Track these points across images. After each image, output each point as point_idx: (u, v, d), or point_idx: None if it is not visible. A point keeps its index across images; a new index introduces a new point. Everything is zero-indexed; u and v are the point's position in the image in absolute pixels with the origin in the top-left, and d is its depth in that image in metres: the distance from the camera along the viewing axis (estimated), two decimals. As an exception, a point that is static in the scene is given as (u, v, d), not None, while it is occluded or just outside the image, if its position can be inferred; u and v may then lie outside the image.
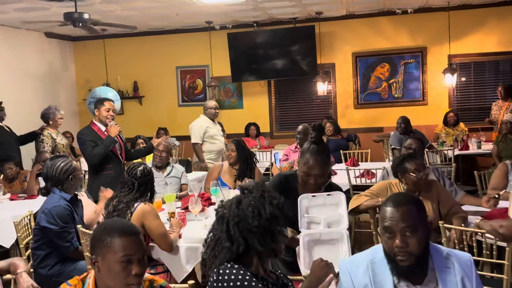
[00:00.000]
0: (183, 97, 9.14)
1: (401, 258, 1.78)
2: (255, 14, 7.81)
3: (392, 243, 1.79)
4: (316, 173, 2.64)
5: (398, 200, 1.86)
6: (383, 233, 1.84)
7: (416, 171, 3.18)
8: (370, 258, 1.90)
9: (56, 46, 8.77)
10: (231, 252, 1.74)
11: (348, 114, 8.55)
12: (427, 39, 8.13)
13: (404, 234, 1.78)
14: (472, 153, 6.86)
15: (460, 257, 1.87)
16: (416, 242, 1.78)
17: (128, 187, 3.09)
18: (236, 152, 4.71)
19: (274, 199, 1.81)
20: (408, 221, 1.79)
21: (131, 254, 1.74)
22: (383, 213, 1.85)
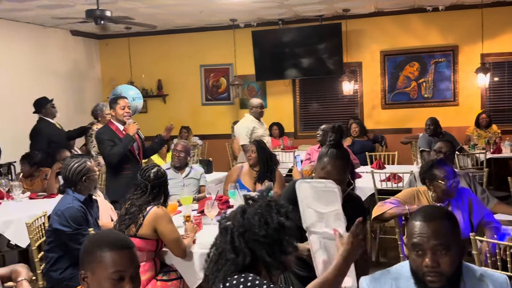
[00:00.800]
0: (207, 95, 9.05)
1: (431, 279, 1.61)
2: (280, 12, 7.66)
3: (422, 262, 1.62)
4: (334, 179, 2.38)
5: (430, 213, 1.68)
6: (412, 250, 1.66)
7: (445, 178, 2.98)
8: (395, 276, 1.74)
9: (82, 44, 8.80)
10: (236, 264, 1.63)
11: (375, 114, 8.31)
12: (458, 38, 7.82)
13: (435, 252, 1.60)
14: (505, 156, 6.55)
15: (495, 279, 1.69)
16: (449, 261, 1.60)
17: (141, 189, 2.99)
18: (257, 153, 4.57)
19: (282, 207, 1.70)
20: (441, 238, 1.61)
21: (123, 270, 1.59)
22: (412, 228, 1.67)
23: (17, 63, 7.28)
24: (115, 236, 1.70)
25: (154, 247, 2.92)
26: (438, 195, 3.03)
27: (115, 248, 1.61)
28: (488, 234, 2.86)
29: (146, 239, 2.87)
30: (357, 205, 2.61)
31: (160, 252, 3.01)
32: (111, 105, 4.57)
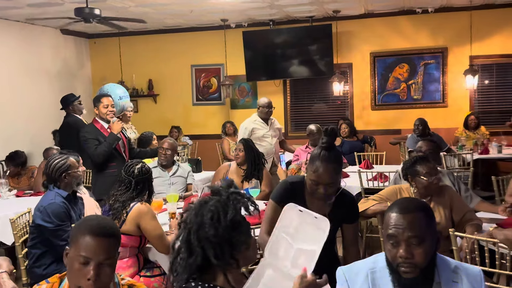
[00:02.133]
0: (198, 95, 9.06)
1: (405, 270, 1.63)
2: (271, 12, 7.68)
3: (396, 253, 1.64)
4: (326, 182, 2.37)
5: (405, 206, 1.70)
6: (387, 241, 1.68)
7: (427, 174, 3.01)
8: (371, 266, 1.75)
9: (72, 43, 8.78)
10: (190, 266, 1.55)
11: (364, 115, 8.35)
12: (448, 40, 7.88)
13: (409, 244, 1.62)
14: (492, 157, 6.60)
15: (469, 271, 1.71)
16: (423, 253, 1.62)
17: (125, 185, 3.00)
18: (244, 152, 4.59)
19: (240, 202, 1.60)
20: (415, 230, 1.63)
21: (90, 257, 1.62)
22: (388, 219, 1.69)
23: (6, 61, 7.25)
24: (99, 222, 1.72)
25: (137, 243, 2.93)
26: (420, 191, 3.06)
27: (90, 233, 1.64)
28: (468, 231, 2.89)
29: (129, 235, 2.88)
30: (350, 205, 2.59)
31: (144, 249, 3.02)
32: (94, 103, 4.57)
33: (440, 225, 3.00)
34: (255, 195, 4.02)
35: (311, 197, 2.48)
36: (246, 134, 5.59)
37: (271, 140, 5.69)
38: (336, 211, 2.50)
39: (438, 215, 3.02)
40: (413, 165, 3.09)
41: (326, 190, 2.38)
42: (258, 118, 5.72)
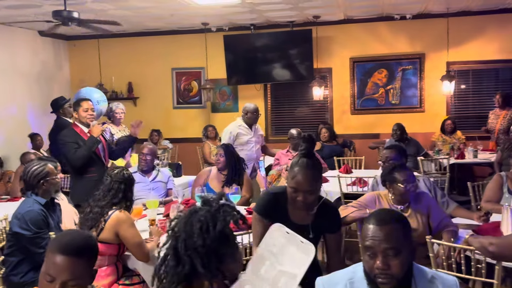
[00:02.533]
0: (178, 99, 9.02)
1: (382, 281, 1.66)
2: (252, 17, 7.70)
3: (373, 264, 1.67)
4: (305, 189, 2.36)
5: (382, 217, 1.73)
6: (364, 252, 1.71)
7: (404, 182, 3.06)
8: (349, 277, 1.78)
9: (50, 45, 8.66)
10: (178, 274, 1.56)
11: (344, 119, 8.43)
12: (425, 46, 8.01)
13: (386, 255, 1.66)
14: (468, 162, 6.73)
15: (445, 281, 1.75)
16: (399, 264, 1.65)
17: (107, 190, 2.98)
18: (225, 157, 4.59)
19: (230, 215, 1.60)
20: (392, 242, 1.66)
21: (54, 276, 1.58)
22: (365, 231, 1.72)
23: (-18, 63, 7.12)
24: (72, 239, 1.67)
25: (116, 251, 2.91)
26: (397, 198, 3.11)
27: (58, 251, 1.61)
28: (445, 238, 2.94)
29: (108, 244, 2.86)
30: (333, 216, 2.59)
31: (123, 256, 3.00)
32: (74, 107, 4.51)
33: (417, 231, 3.05)
34: (235, 200, 4.03)
35: (293, 208, 2.47)
36: (230, 139, 5.54)
37: (254, 146, 5.67)
38: (318, 221, 2.51)
39: (415, 222, 3.07)
40: (391, 172, 3.14)
41: (305, 198, 2.37)
42: (243, 123, 5.65)
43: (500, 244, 2.32)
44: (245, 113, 5.65)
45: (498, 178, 3.84)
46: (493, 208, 3.60)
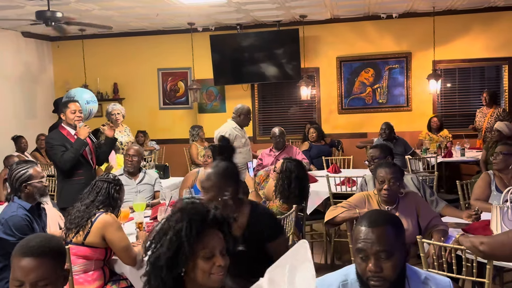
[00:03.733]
0: (165, 99, 8.95)
1: (374, 283, 1.63)
2: (238, 17, 7.66)
3: (365, 266, 1.64)
4: (211, 194, 2.37)
5: (374, 219, 1.70)
6: (356, 255, 1.68)
7: (381, 181, 3.03)
8: (342, 279, 1.75)
9: (34, 46, 8.53)
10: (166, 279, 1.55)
11: (332, 119, 8.43)
12: (411, 44, 8.04)
13: (378, 257, 1.63)
14: (455, 160, 6.76)
15: (438, 282, 1.73)
16: (392, 267, 1.63)
17: (92, 188, 2.93)
18: (213, 158, 4.54)
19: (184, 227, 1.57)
20: (384, 244, 1.63)
21: (21, 279, 1.55)
22: (357, 233, 1.69)
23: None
24: (31, 241, 1.65)
25: (103, 256, 2.84)
26: (383, 197, 3.07)
27: (20, 254, 1.59)
28: (435, 237, 2.93)
29: (94, 248, 2.80)
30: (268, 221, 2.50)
31: (110, 261, 2.94)
32: (61, 109, 4.43)
33: (407, 231, 3.03)
34: (224, 202, 3.98)
35: None
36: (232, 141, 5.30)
37: (249, 148, 5.64)
38: (252, 230, 2.41)
39: (405, 222, 3.05)
40: (375, 172, 3.13)
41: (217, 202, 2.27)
42: (237, 125, 5.52)
43: (491, 243, 2.31)
44: (238, 115, 5.54)
45: (486, 176, 3.85)
46: (482, 207, 3.61)
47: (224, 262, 1.60)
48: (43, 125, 7.93)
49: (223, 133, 5.39)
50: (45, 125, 7.87)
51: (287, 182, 3.78)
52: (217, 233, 1.62)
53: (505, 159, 3.74)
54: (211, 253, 1.57)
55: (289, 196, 3.76)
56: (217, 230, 1.63)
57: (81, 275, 2.79)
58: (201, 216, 1.60)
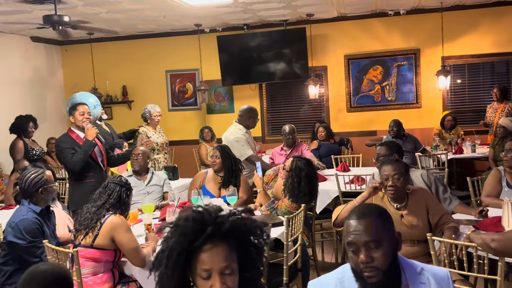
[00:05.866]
0: (173, 101, 8.97)
1: (368, 274, 1.66)
2: (245, 17, 7.65)
3: (357, 259, 1.67)
4: None
5: (362, 211, 1.74)
6: (348, 249, 1.72)
7: (384, 177, 3.01)
8: (339, 277, 1.78)
9: (43, 51, 8.60)
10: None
11: (340, 117, 8.39)
12: (420, 41, 7.98)
13: (368, 248, 1.66)
14: (466, 156, 6.69)
15: (436, 273, 1.75)
16: (382, 256, 1.65)
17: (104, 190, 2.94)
18: (221, 158, 4.54)
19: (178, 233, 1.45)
20: (372, 234, 1.66)
21: None
22: (347, 227, 1.72)
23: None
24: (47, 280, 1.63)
25: (112, 258, 2.85)
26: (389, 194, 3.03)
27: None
28: (446, 234, 2.90)
29: (103, 250, 2.80)
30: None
31: (119, 262, 2.94)
32: (70, 112, 4.46)
33: (417, 228, 3.01)
34: (232, 202, 3.98)
35: None
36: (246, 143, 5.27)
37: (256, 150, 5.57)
38: None
39: (414, 219, 3.03)
40: (380, 168, 3.11)
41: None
42: (244, 128, 5.38)
43: (502, 240, 2.28)
44: (246, 118, 5.39)
45: (496, 172, 3.81)
46: (494, 203, 3.57)
47: (222, 285, 1.38)
48: (54, 129, 8.00)
49: (240, 139, 5.24)
50: (56, 129, 7.95)
51: (296, 180, 3.76)
52: (221, 249, 1.40)
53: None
54: (208, 273, 1.39)
55: (298, 195, 3.75)
56: (225, 244, 1.41)
57: (90, 277, 2.80)
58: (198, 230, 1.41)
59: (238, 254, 1.46)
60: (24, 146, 5.94)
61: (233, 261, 1.42)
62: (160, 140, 6.26)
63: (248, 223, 1.47)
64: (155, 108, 6.35)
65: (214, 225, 1.41)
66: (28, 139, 6.17)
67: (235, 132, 5.35)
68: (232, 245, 1.43)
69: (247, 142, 5.32)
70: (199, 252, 1.40)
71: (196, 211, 1.46)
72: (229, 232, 1.42)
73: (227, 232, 1.41)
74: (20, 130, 6.13)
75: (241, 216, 1.47)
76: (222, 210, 1.46)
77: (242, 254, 1.47)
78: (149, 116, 6.33)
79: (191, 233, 1.41)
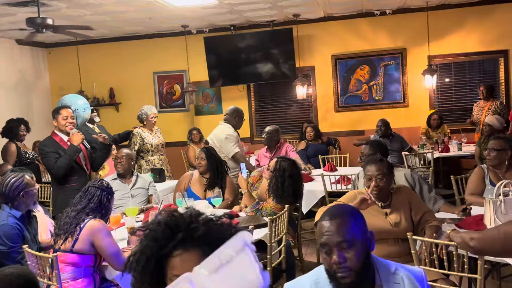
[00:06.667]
0: (161, 103, 8.93)
1: (342, 275, 1.65)
2: (231, 18, 7.63)
3: (330, 260, 1.66)
4: None
5: (333, 212, 1.74)
6: (322, 250, 1.71)
7: (367, 178, 3.02)
8: (314, 278, 1.77)
9: (28, 54, 8.53)
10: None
11: (328, 117, 8.40)
12: (406, 40, 8.00)
13: (341, 248, 1.65)
14: (452, 155, 6.72)
15: (411, 272, 1.75)
16: (354, 256, 1.65)
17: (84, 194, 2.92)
18: (206, 160, 4.53)
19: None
20: (344, 234, 1.66)
21: None
22: (320, 228, 1.72)
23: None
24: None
25: (92, 262, 2.83)
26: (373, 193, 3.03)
27: None
28: (428, 233, 2.90)
29: (83, 254, 2.78)
30: None
31: (101, 267, 2.92)
32: (53, 115, 4.42)
33: (402, 226, 3.01)
34: (217, 204, 3.97)
35: None
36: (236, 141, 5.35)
37: None
38: None
39: (398, 217, 3.03)
40: (363, 167, 3.11)
41: None
42: (233, 127, 5.44)
43: (481, 238, 2.28)
44: (233, 117, 5.47)
45: (480, 170, 3.82)
46: (477, 201, 3.58)
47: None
48: (41, 133, 7.91)
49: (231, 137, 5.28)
50: (43, 132, 7.85)
51: (280, 180, 3.76)
52: (193, 255, 1.35)
53: (498, 155, 3.70)
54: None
55: (282, 195, 3.75)
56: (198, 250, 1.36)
57: (70, 282, 2.78)
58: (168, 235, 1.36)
59: None
60: (16, 150, 5.88)
61: None
62: (155, 142, 6.19)
63: (224, 229, 1.40)
64: (151, 110, 6.27)
65: (186, 231, 1.37)
66: (20, 143, 6.10)
67: (225, 130, 5.44)
68: (206, 251, 1.35)
69: (237, 140, 5.41)
70: (170, 258, 1.37)
71: (170, 215, 1.42)
72: (203, 238, 1.37)
73: (200, 238, 1.37)
74: (11, 133, 6.07)
75: (219, 221, 1.42)
76: (200, 215, 1.42)
77: None
78: (145, 117, 6.26)
79: (162, 238, 1.37)
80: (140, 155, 6.16)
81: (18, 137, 6.06)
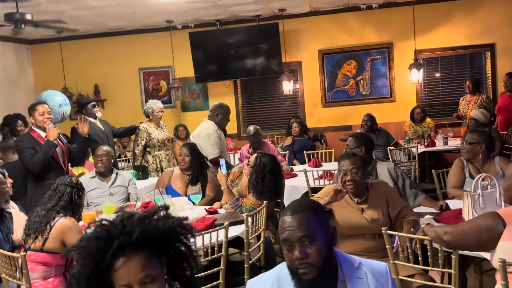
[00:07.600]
0: (147, 99, 8.81)
1: (303, 271, 1.61)
2: (216, 12, 7.56)
3: (292, 256, 1.63)
4: None
5: (295, 207, 1.69)
6: (283, 246, 1.67)
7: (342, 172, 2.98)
8: (277, 275, 1.73)
9: (11, 50, 8.40)
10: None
11: (316, 113, 8.36)
12: (393, 35, 7.97)
13: (302, 244, 1.61)
14: (438, 149, 6.71)
15: (374, 267, 1.71)
16: (316, 251, 1.61)
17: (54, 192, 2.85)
18: (190, 156, 4.47)
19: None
20: (305, 229, 1.62)
21: None
22: (282, 224, 1.68)
23: None
24: None
25: (64, 261, 2.77)
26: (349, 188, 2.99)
27: None
28: (405, 228, 2.87)
29: (54, 253, 2.72)
30: None
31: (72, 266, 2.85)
32: (30, 112, 4.35)
33: (378, 221, 2.97)
34: (197, 201, 3.92)
35: None
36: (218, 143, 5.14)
37: None
38: None
39: (375, 212, 2.99)
40: (339, 161, 3.07)
41: None
42: (216, 126, 5.24)
43: (455, 232, 2.25)
44: (216, 114, 5.27)
45: (459, 162, 3.80)
46: (459, 194, 3.54)
47: None
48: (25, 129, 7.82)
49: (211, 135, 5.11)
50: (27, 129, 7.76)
51: (260, 176, 3.72)
52: (136, 260, 1.31)
53: (471, 148, 3.68)
54: (127, 285, 1.30)
55: (262, 191, 3.70)
56: (140, 253, 1.32)
57: (40, 282, 2.72)
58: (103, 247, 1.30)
59: (167, 256, 1.38)
60: None
61: (154, 268, 1.33)
62: (161, 137, 6.06)
63: (162, 224, 1.35)
64: (157, 104, 6.13)
65: (120, 238, 1.30)
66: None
67: (207, 128, 5.23)
68: (150, 252, 1.33)
69: (219, 139, 5.22)
70: (112, 269, 1.31)
71: (99, 225, 1.35)
72: (141, 239, 1.31)
73: (138, 240, 1.31)
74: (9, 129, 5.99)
75: (154, 216, 1.37)
76: (133, 216, 1.36)
77: (172, 255, 1.40)
78: (151, 112, 6.11)
79: (97, 253, 1.30)
80: (147, 150, 6.03)
81: (16, 133, 5.98)
